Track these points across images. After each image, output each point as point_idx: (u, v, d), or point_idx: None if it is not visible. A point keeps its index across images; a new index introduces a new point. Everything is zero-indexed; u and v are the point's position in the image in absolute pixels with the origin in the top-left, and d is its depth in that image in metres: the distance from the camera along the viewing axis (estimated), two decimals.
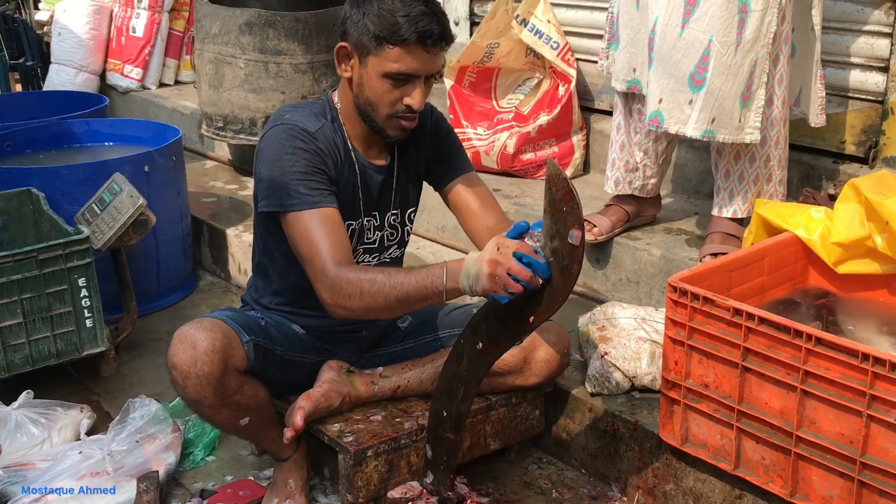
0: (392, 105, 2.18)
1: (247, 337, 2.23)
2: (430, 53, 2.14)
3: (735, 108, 2.65)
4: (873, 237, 2.29)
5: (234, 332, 2.21)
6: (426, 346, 2.51)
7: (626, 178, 3.07)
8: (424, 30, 2.10)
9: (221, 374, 2.14)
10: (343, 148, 2.29)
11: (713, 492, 2.24)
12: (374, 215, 2.38)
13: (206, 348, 2.12)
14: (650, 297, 3.02)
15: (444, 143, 2.45)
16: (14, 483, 2.44)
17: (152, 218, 3.04)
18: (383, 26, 2.10)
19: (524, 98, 3.94)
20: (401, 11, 2.10)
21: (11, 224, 3.24)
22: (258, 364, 2.26)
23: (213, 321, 2.20)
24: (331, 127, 2.28)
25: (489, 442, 2.48)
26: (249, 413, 2.26)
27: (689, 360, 2.17)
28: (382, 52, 2.12)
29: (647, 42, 2.70)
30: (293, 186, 2.16)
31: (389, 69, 2.13)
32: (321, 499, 2.46)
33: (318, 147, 2.22)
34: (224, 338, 2.16)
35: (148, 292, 3.54)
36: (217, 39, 4.11)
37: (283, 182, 2.17)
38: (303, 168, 2.17)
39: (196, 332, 2.15)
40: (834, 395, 1.91)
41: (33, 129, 3.85)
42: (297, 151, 2.18)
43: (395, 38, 2.10)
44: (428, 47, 2.12)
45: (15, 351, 2.82)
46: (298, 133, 2.21)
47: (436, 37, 2.12)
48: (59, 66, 5.57)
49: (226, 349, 2.15)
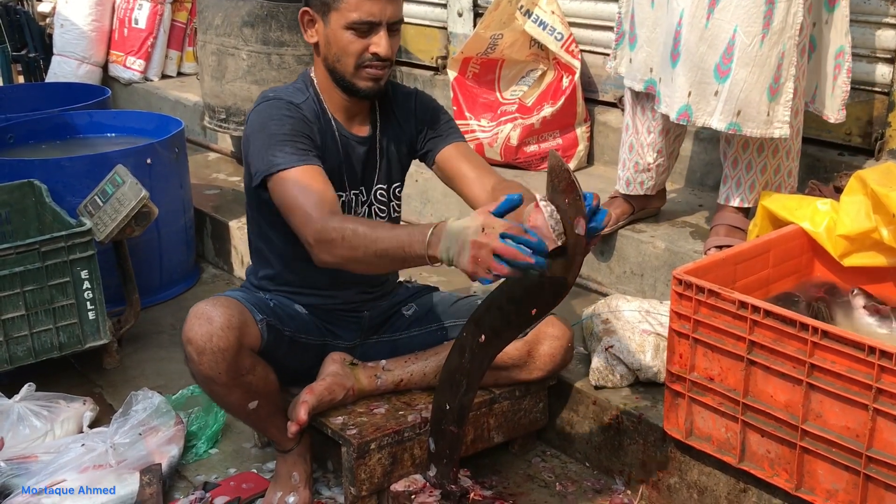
0: (358, 55, 2.22)
1: (260, 315, 2.24)
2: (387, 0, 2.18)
3: (763, 101, 2.61)
4: (879, 229, 2.27)
5: (249, 310, 2.23)
6: (430, 335, 2.50)
7: (637, 179, 3.05)
8: None
9: (237, 350, 2.14)
10: (324, 120, 2.32)
11: (718, 485, 2.23)
12: (361, 190, 2.40)
13: (223, 324, 2.12)
14: (654, 289, 3.01)
15: (432, 118, 2.46)
16: (17, 476, 2.44)
17: (155, 210, 3.04)
18: None
19: (528, 90, 3.92)
20: None
21: (14, 216, 3.24)
22: (270, 344, 2.26)
23: (228, 299, 2.22)
24: (313, 100, 2.33)
25: (493, 435, 2.48)
26: (259, 397, 2.26)
27: (694, 353, 2.16)
28: (341, 4, 2.17)
29: (674, 35, 2.66)
30: (279, 148, 2.18)
31: (350, 19, 2.17)
32: (324, 491, 2.46)
33: (304, 115, 2.27)
34: (240, 314, 2.18)
35: (150, 284, 3.53)
36: (220, 31, 4.10)
37: (269, 146, 2.19)
38: (288, 131, 2.21)
39: (213, 308, 2.15)
40: (840, 388, 1.89)
41: (36, 121, 3.84)
42: (282, 118, 2.23)
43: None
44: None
45: (17, 343, 2.82)
46: (284, 105, 2.26)
47: None
48: (62, 58, 5.56)
49: (241, 326, 2.16)
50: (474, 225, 1.78)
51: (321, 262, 2.08)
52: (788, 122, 2.64)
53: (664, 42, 2.72)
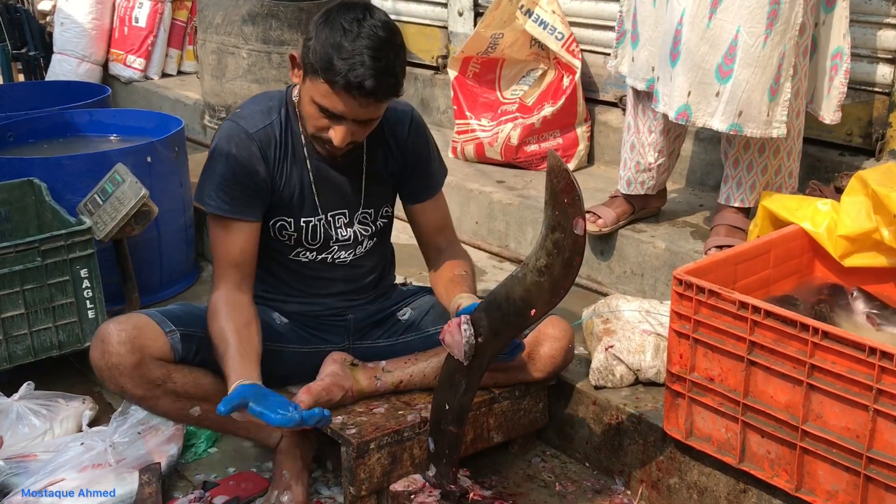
0: (317, 129, 2.16)
1: (172, 327, 2.24)
2: (357, 101, 2.06)
3: (763, 101, 2.60)
4: (880, 230, 2.27)
5: (156, 322, 2.23)
6: (428, 339, 2.49)
7: (638, 179, 3.05)
8: (356, 82, 2.02)
9: (135, 364, 2.17)
10: (294, 144, 2.28)
11: (717, 486, 2.23)
12: (344, 213, 2.37)
13: (114, 340, 2.16)
14: (655, 289, 3.00)
15: (419, 163, 2.41)
16: (16, 475, 2.43)
17: (154, 209, 3.04)
18: (320, 58, 2.04)
19: (528, 89, 3.92)
20: (340, 53, 2.02)
21: (13, 214, 3.23)
22: (194, 354, 2.26)
23: (129, 315, 2.28)
24: (282, 123, 2.27)
25: (492, 435, 2.47)
26: (198, 402, 2.27)
27: (695, 353, 2.15)
28: (316, 81, 2.08)
29: (674, 35, 2.65)
30: (212, 189, 2.23)
31: (316, 99, 2.10)
32: (324, 491, 2.46)
33: (252, 152, 2.23)
34: (134, 329, 2.19)
35: (150, 283, 3.52)
36: (220, 30, 4.10)
37: (208, 180, 2.24)
38: (225, 174, 2.22)
39: (107, 326, 2.21)
40: (840, 389, 1.89)
41: (35, 120, 3.83)
42: (228, 156, 2.22)
43: (325, 75, 2.05)
44: (356, 97, 2.05)
45: (17, 342, 2.81)
46: (237, 135, 2.23)
47: (367, 92, 2.03)
48: (62, 56, 5.55)
49: (135, 340, 2.17)
50: None
51: None
52: (786, 122, 2.64)
53: (664, 41, 2.71)
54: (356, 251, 2.42)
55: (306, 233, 2.34)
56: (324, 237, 2.36)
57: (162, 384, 2.22)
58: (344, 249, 2.40)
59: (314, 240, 2.36)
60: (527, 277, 1.91)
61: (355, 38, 2.03)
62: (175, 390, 2.24)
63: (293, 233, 2.34)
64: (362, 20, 2.05)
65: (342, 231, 2.38)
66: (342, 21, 2.05)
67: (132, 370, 2.17)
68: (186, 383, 2.25)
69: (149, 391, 2.21)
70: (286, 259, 2.38)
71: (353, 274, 2.44)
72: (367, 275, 2.47)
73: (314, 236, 2.35)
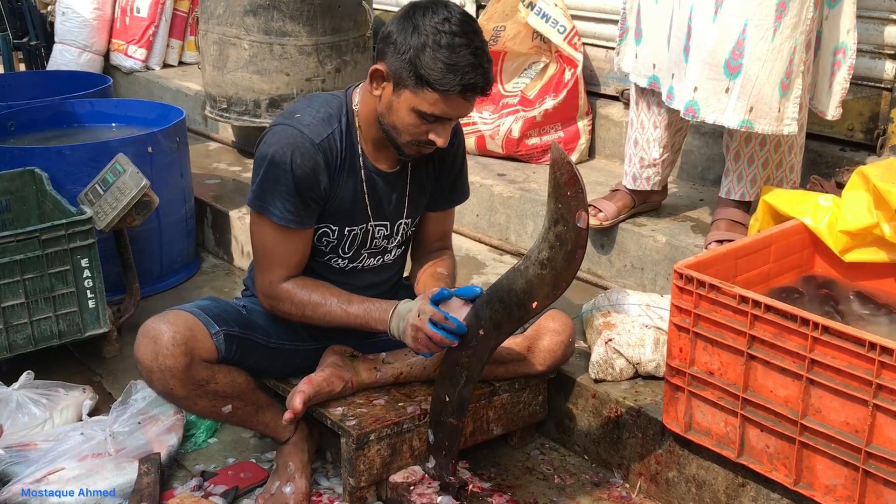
0: (417, 136, 2.15)
1: (216, 328, 2.24)
2: (467, 101, 2.10)
3: (774, 96, 2.57)
4: (881, 225, 2.27)
5: (202, 323, 2.22)
6: None
7: (643, 174, 3.05)
8: (469, 83, 2.04)
9: (186, 366, 2.16)
10: (351, 153, 2.26)
11: (716, 479, 2.24)
12: (385, 224, 2.37)
13: (168, 342, 2.14)
14: (655, 283, 3.00)
15: (452, 175, 2.44)
16: (16, 463, 2.44)
17: (155, 199, 3.03)
18: (428, 71, 2.03)
19: (530, 82, 3.92)
20: (448, 59, 2.02)
21: (14, 204, 3.23)
22: (233, 354, 2.27)
23: (177, 313, 2.23)
24: (342, 131, 2.24)
25: (492, 427, 2.48)
26: (231, 400, 2.28)
27: (694, 347, 2.16)
28: (420, 92, 2.06)
29: (687, 31, 2.63)
30: (275, 197, 2.19)
31: (423, 109, 2.08)
32: (323, 482, 2.46)
33: (317, 162, 2.20)
34: (187, 330, 2.18)
35: (151, 274, 3.53)
36: (221, 20, 4.09)
37: (267, 189, 2.20)
38: (289, 186, 2.18)
39: (158, 325, 2.18)
40: (840, 383, 1.89)
41: (37, 109, 3.83)
42: (293, 166, 2.17)
43: (437, 86, 2.04)
44: (468, 98, 2.09)
45: (17, 331, 2.81)
46: (302, 144, 2.18)
47: (478, 89, 2.08)
48: (63, 46, 5.54)
49: (189, 341, 2.17)
50: (414, 310, 2.14)
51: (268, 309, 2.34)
52: (797, 118, 2.62)
53: (677, 37, 2.70)
54: (384, 258, 2.43)
55: (346, 241, 2.34)
56: (360, 245, 2.36)
57: (205, 384, 2.22)
58: (373, 257, 2.41)
59: (351, 248, 2.36)
60: (529, 270, 1.91)
61: (452, 39, 2.02)
62: (215, 390, 2.24)
63: (333, 241, 2.33)
64: (450, 19, 2.04)
65: (378, 241, 2.38)
66: (432, 25, 2.04)
67: (183, 372, 2.16)
68: (226, 384, 2.26)
69: (192, 392, 2.21)
70: (316, 262, 2.37)
71: (376, 279, 2.45)
72: (388, 280, 2.49)
73: (352, 245, 2.35)
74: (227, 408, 2.29)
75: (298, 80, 4.10)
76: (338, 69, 4.16)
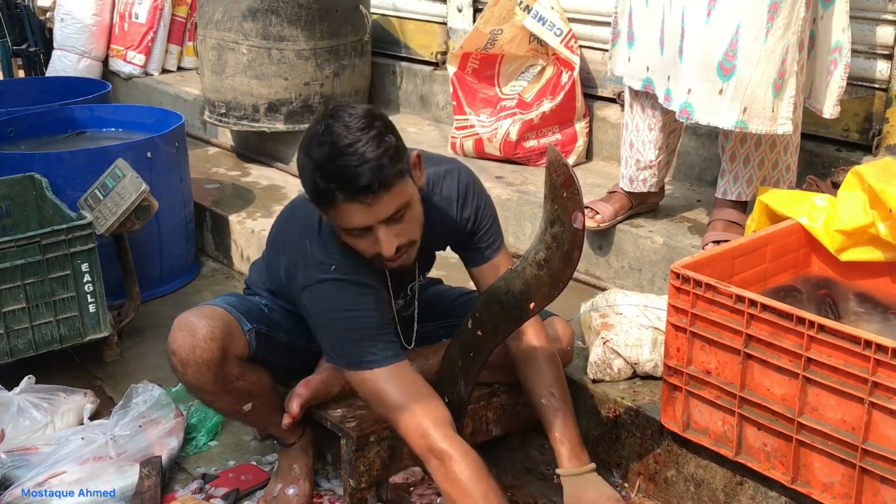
0: (367, 250, 1.99)
1: (249, 325, 2.23)
2: (371, 205, 1.88)
3: (768, 97, 2.59)
4: (876, 225, 2.28)
5: (236, 319, 2.22)
6: (430, 334, 2.50)
7: (640, 177, 3.06)
8: (346, 187, 1.84)
9: (221, 361, 2.15)
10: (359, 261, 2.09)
11: (714, 478, 2.25)
12: (404, 298, 2.34)
13: (206, 336, 2.13)
14: (652, 284, 3.02)
15: (472, 230, 2.27)
16: (17, 467, 2.45)
17: (155, 204, 3.05)
18: (311, 190, 1.91)
19: (527, 85, 3.93)
20: (322, 168, 1.85)
21: (14, 209, 3.25)
22: (261, 352, 2.26)
23: (213, 309, 2.21)
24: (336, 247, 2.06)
25: (491, 428, 2.49)
26: (253, 399, 2.27)
27: (692, 346, 2.17)
28: (326, 213, 1.95)
29: (680, 33, 2.65)
30: (370, 343, 2.02)
31: (338, 226, 1.97)
32: (324, 484, 2.47)
33: (379, 291, 2.09)
34: (224, 326, 2.17)
35: (151, 278, 3.54)
36: (220, 25, 4.10)
37: (355, 339, 2.03)
38: (376, 322, 2.04)
39: (196, 319, 2.15)
40: (836, 382, 1.90)
41: (36, 115, 3.85)
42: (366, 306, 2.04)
43: (323, 203, 1.91)
44: (363, 203, 1.87)
45: (18, 336, 2.83)
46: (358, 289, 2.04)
47: (362, 188, 1.84)
48: (62, 52, 5.56)
49: (226, 337, 2.16)
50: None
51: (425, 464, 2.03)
52: (791, 118, 2.64)
53: (671, 40, 2.72)
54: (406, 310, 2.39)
55: None
56: None
57: (234, 381, 2.21)
58: None
59: None
60: (526, 271, 1.93)
61: (328, 147, 1.85)
62: (241, 388, 2.23)
63: None
64: (328, 127, 1.87)
65: (399, 306, 2.32)
66: (313, 140, 1.88)
67: (218, 367, 2.15)
68: (253, 381, 2.25)
69: (221, 387, 2.19)
70: None
71: None
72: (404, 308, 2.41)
73: None
74: (248, 406, 2.27)
75: (297, 84, 4.12)
76: (336, 73, 4.18)
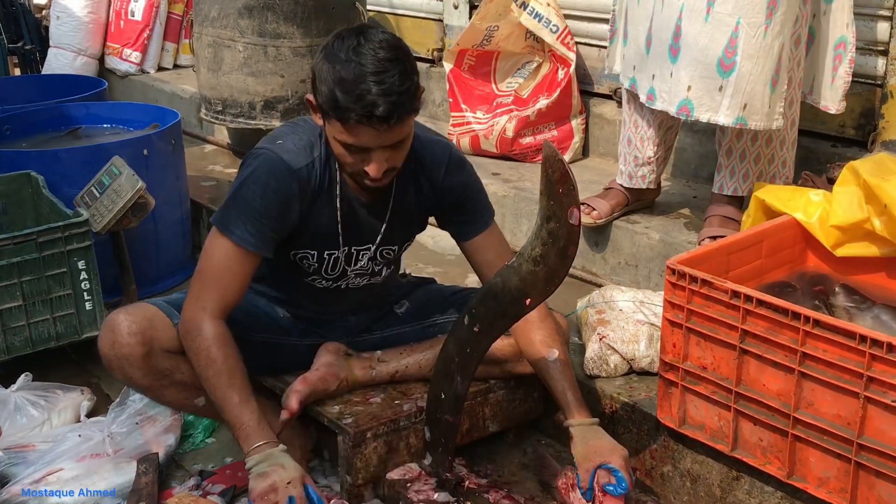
0: (353, 167, 2.09)
1: (179, 318, 2.23)
2: (377, 130, 1.98)
3: (765, 93, 2.60)
4: (872, 220, 2.29)
5: (165, 313, 2.24)
6: (424, 330, 2.50)
7: (638, 173, 3.07)
8: (366, 112, 1.95)
9: (145, 355, 2.18)
10: (331, 182, 2.21)
11: (711, 473, 2.25)
12: (368, 248, 2.34)
13: (125, 331, 2.17)
14: (649, 280, 3.02)
15: (460, 200, 2.32)
16: (14, 465, 2.45)
17: (151, 201, 3.05)
18: (327, 99, 1.99)
19: (523, 82, 3.94)
20: (346, 86, 1.95)
21: (11, 207, 3.24)
22: None
23: (137, 305, 2.28)
24: (322, 160, 2.19)
25: (488, 424, 2.49)
26: (202, 393, 2.25)
27: (688, 342, 2.17)
28: (331, 122, 2.03)
29: (674, 30, 2.65)
30: (242, 220, 2.13)
31: (339, 139, 2.04)
32: (320, 480, 2.47)
33: (293, 190, 2.15)
34: (144, 320, 2.20)
35: (147, 276, 3.53)
36: (216, 23, 4.10)
37: (238, 208, 2.14)
38: (259, 209, 2.13)
39: (116, 316, 2.21)
40: (832, 376, 1.91)
41: (32, 113, 3.84)
42: (266, 189, 2.13)
43: (336, 114, 1.99)
44: (375, 126, 1.97)
45: (14, 334, 2.82)
46: (279, 170, 2.14)
47: (381, 119, 1.95)
48: (58, 50, 5.56)
49: (146, 331, 2.18)
50: (287, 475, 2.01)
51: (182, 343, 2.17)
52: (783, 113, 2.65)
53: (660, 38, 2.72)
54: (371, 279, 2.42)
55: (327, 264, 2.33)
56: (343, 266, 2.34)
57: (169, 375, 2.23)
58: (360, 277, 2.40)
59: (333, 270, 2.34)
60: (522, 267, 1.93)
61: (356, 67, 1.95)
62: (182, 381, 2.25)
63: (314, 263, 2.32)
64: (359, 47, 1.97)
65: (362, 263, 2.36)
66: (340, 53, 1.98)
67: (141, 361, 2.18)
68: (193, 374, 2.23)
69: (156, 381, 2.23)
70: (301, 281, 2.37)
71: (365, 295, 2.46)
72: (378, 294, 2.49)
73: (334, 267, 2.34)
74: (200, 400, 2.28)
75: (293, 81, 4.11)
76: None
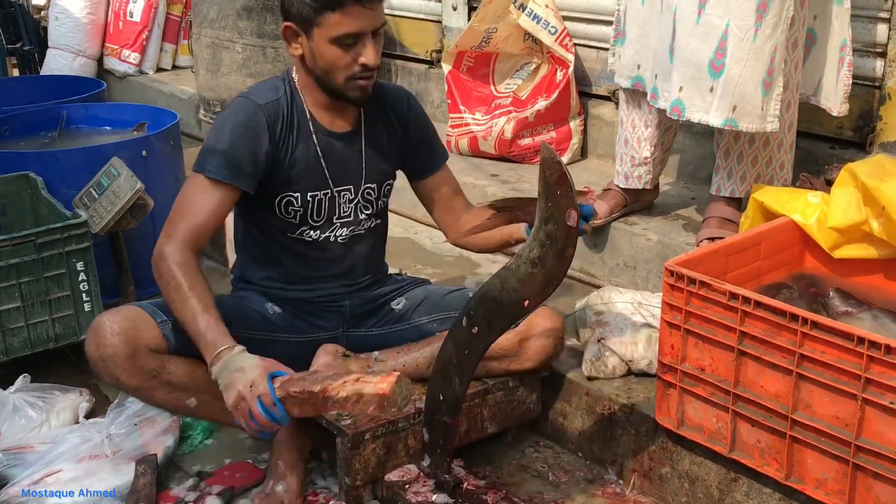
0: (348, 68, 2.23)
1: (164, 317, 2.24)
2: (368, 8, 2.18)
3: (757, 95, 2.61)
4: (870, 222, 2.29)
5: (149, 313, 2.25)
6: (422, 328, 2.51)
7: (635, 173, 3.07)
8: None
9: (128, 355, 2.18)
10: (299, 116, 2.35)
11: (709, 475, 2.25)
12: (349, 188, 2.42)
13: (108, 332, 2.18)
14: (647, 281, 3.02)
15: (422, 136, 2.52)
16: (13, 466, 2.45)
17: (150, 202, 3.05)
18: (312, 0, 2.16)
19: (522, 83, 3.94)
20: None
21: (9, 208, 3.24)
22: (187, 344, 2.22)
23: (121, 307, 2.29)
24: (289, 99, 2.34)
25: (486, 425, 2.49)
26: (193, 393, 2.27)
27: (686, 343, 2.17)
28: (323, 21, 2.17)
29: (672, 32, 2.66)
30: (214, 154, 2.25)
31: (335, 34, 2.18)
32: (319, 482, 2.47)
33: (259, 120, 2.28)
34: (126, 320, 2.21)
35: (146, 277, 3.49)
36: (215, 24, 4.11)
37: (209, 147, 2.27)
38: (227, 142, 2.25)
39: (100, 318, 2.23)
40: (829, 378, 1.91)
41: (31, 114, 3.84)
42: (235, 124, 2.27)
43: (331, 4, 2.15)
44: (366, 4, 2.17)
45: (13, 335, 2.82)
46: (245, 106, 2.30)
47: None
48: (57, 51, 5.56)
49: (128, 331, 2.19)
50: (247, 377, 2.01)
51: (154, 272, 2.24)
52: (779, 115, 2.65)
53: (661, 38, 2.73)
54: (356, 229, 2.46)
55: (312, 207, 2.38)
56: (328, 213, 2.40)
57: (157, 375, 2.23)
58: (345, 226, 2.44)
59: (319, 216, 2.39)
60: (520, 269, 1.93)
61: None
62: (170, 381, 2.25)
63: (299, 208, 2.37)
64: None
65: (346, 206, 2.42)
66: None
67: (126, 361, 2.19)
68: (181, 374, 2.26)
69: (144, 382, 2.23)
70: (289, 240, 2.41)
71: (351, 254, 2.48)
72: (363, 255, 2.51)
73: (319, 212, 2.39)
74: (192, 401, 2.29)
75: None
76: None
